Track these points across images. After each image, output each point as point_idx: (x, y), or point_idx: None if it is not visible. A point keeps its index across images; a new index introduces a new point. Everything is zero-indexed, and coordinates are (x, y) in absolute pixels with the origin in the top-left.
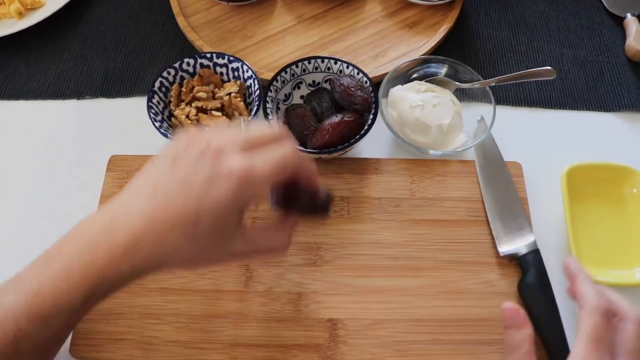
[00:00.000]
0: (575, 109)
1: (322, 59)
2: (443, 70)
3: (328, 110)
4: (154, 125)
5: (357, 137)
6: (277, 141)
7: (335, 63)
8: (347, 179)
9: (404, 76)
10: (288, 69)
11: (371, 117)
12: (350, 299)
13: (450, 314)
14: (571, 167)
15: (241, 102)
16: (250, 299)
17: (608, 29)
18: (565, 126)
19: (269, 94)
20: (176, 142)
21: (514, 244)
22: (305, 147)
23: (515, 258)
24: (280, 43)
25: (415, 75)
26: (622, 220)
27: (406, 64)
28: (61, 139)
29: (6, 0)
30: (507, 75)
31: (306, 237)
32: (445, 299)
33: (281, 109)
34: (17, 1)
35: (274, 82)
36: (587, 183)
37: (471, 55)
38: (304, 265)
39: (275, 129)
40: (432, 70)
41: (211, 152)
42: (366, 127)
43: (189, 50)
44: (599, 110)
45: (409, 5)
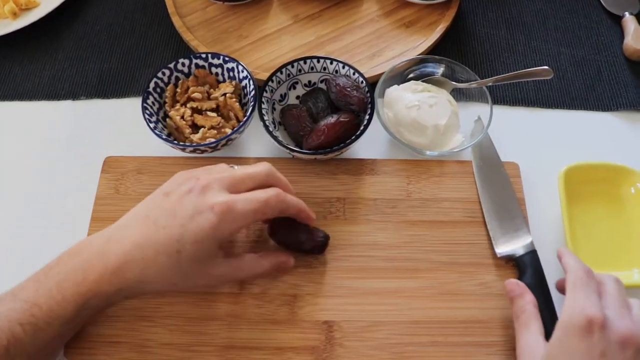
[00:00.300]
0: (572, 109)
1: (318, 59)
2: (440, 70)
3: (324, 110)
4: (148, 126)
5: (353, 137)
6: (264, 185)
7: (331, 63)
8: (342, 179)
9: (400, 76)
10: (284, 69)
11: (367, 117)
12: (346, 301)
13: (447, 315)
14: (569, 167)
15: (236, 102)
16: (244, 301)
17: (606, 27)
18: (562, 126)
19: (265, 94)
20: (172, 179)
21: (511, 245)
22: (300, 148)
23: (513, 259)
24: (276, 43)
25: (411, 75)
26: (620, 220)
27: (403, 63)
28: (56, 140)
29: (0, 1)
30: (505, 74)
31: None
32: (442, 300)
33: (277, 110)
34: (12, 1)
35: (270, 83)
36: (585, 183)
37: (468, 54)
38: (299, 267)
39: (262, 170)
40: (429, 70)
41: (199, 188)
42: (362, 127)
43: (184, 50)
44: (596, 110)
45: (405, 4)
